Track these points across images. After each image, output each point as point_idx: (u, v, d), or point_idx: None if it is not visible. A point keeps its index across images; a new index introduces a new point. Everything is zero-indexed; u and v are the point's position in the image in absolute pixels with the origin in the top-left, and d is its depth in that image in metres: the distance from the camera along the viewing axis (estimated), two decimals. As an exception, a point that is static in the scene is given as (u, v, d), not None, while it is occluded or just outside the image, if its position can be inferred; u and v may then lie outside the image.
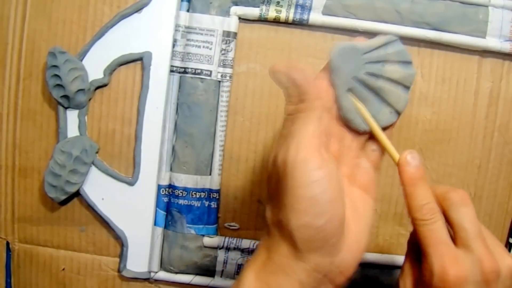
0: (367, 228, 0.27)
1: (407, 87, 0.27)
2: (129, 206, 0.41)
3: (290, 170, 0.23)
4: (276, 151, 0.25)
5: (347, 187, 0.27)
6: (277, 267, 0.25)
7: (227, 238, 0.41)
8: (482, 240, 0.26)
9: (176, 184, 0.40)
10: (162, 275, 0.41)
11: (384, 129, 0.27)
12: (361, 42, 0.27)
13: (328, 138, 0.26)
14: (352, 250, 0.25)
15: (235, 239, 0.41)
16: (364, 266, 0.41)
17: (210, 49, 0.39)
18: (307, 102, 0.24)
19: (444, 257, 0.25)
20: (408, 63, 0.27)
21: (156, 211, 0.41)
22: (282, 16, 0.39)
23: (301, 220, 0.23)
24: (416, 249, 0.27)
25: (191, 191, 0.40)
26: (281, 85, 0.25)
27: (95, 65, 0.40)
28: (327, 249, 0.24)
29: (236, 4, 0.39)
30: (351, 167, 0.28)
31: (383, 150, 0.28)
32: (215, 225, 0.41)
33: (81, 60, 0.40)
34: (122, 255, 0.42)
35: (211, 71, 0.39)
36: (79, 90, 0.39)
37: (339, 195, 0.24)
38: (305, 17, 0.39)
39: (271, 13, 0.39)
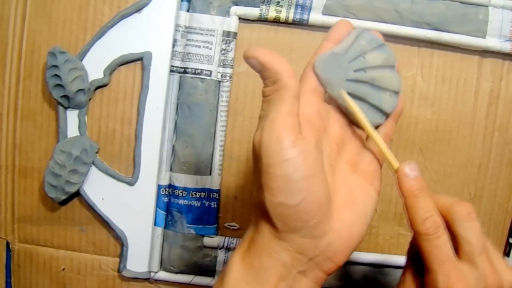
0: (364, 217, 0.26)
1: (392, 67, 0.28)
2: (129, 206, 0.41)
3: (264, 149, 0.23)
4: (255, 133, 0.25)
5: (346, 173, 0.27)
6: (261, 248, 0.24)
7: (227, 238, 0.41)
8: (487, 256, 0.25)
9: (176, 184, 0.40)
10: (162, 275, 0.41)
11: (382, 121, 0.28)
12: (337, 46, 0.27)
13: (322, 119, 0.26)
14: (342, 236, 0.25)
15: (235, 239, 0.41)
16: (364, 266, 0.41)
17: (210, 49, 0.39)
18: (279, 82, 0.24)
19: (450, 275, 0.24)
20: (382, 45, 0.28)
21: (156, 211, 0.41)
22: (282, 16, 0.39)
23: (276, 198, 0.23)
24: (417, 259, 0.26)
25: (191, 191, 0.40)
26: (255, 69, 0.25)
27: (95, 65, 0.40)
28: (308, 230, 0.24)
29: (236, 4, 0.39)
30: (354, 154, 0.28)
31: (382, 157, 0.28)
32: (215, 225, 0.41)
33: (81, 60, 0.40)
34: (122, 255, 0.42)
35: (211, 71, 0.39)
36: (79, 90, 0.39)
37: (316, 174, 0.24)
38: (305, 17, 0.39)
39: (271, 13, 0.39)
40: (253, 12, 0.39)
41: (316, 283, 0.25)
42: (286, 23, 0.39)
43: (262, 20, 0.39)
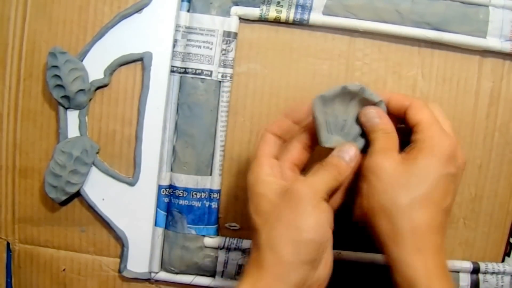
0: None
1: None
2: (129, 207, 0.41)
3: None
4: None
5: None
6: (271, 281, 0.27)
7: (227, 239, 0.41)
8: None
9: (177, 184, 0.40)
10: (163, 275, 0.41)
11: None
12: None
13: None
14: (328, 265, 0.29)
15: (236, 239, 0.41)
16: (365, 266, 0.41)
17: (211, 49, 0.39)
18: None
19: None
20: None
21: (156, 212, 0.41)
22: (283, 16, 0.39)
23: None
24: None
25: (191, 192, 0.40)
26: None
27: (95, 66, 0.40)
28: (318, 260, 0.28)
29: (237, 4, 0.39)
30: None
31: None
32: (215, 226, 0.41)
33: (82, 61, 0.40)
34: (122, 256, 0.42)
35: (211, 71, 0.39)
36: (79, 90, 0.39)
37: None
38: (305, 17, 0.39)
39: (272, 13, 0.39)
40: (254, 12, 0.39)
41: None
42: (286, 23, 0.39)
43: (262, 20, 0.39)
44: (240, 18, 0.39)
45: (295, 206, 0.28)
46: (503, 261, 0.42)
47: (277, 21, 0.39)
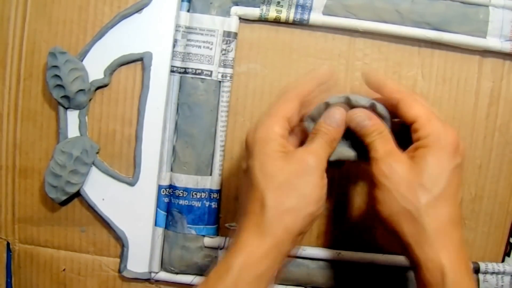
0: None
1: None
2: (129, 207, 0.41)
3: None
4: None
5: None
6: (269, 249, 0.27)
7: (227, 239, 0.41)
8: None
9: (177, 184, 0.40)
10: (163, 275, 0.41)
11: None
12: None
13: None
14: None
15: (236, 239, 0.41)
16: (365, 266, 0.41)
17: (211, 49, 0.39)
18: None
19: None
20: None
21: (156, 212, 0.41)
22: (283, 16, 0.39)
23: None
24: None
25: (191, 192, 0.40)
26: None
27: (95, 66, 0.40)
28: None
29: (237, 4, 0.39)
30: None
31: None
32: (215, 226, 0.41)
33: (82, 61, 0.40)
34: (122, 256, 0.42)
35: (211, 71, 0.39)
36: (79, 90, 0.39)
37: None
38: (305, 17, 0.39)
39: (272, 13, 0.39)
40: (254, 12, 0.39)
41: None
42: (286, 23, 0.39)
43: (262, 20, 0.39)
44: (240, 18, 0.39)
45: (303, 175, 0.28)
46: (503, 261, 0.42)
47: (277, 21, 0.39)
